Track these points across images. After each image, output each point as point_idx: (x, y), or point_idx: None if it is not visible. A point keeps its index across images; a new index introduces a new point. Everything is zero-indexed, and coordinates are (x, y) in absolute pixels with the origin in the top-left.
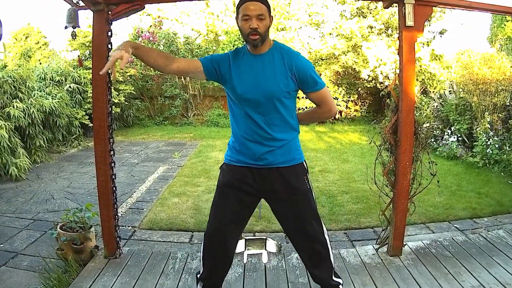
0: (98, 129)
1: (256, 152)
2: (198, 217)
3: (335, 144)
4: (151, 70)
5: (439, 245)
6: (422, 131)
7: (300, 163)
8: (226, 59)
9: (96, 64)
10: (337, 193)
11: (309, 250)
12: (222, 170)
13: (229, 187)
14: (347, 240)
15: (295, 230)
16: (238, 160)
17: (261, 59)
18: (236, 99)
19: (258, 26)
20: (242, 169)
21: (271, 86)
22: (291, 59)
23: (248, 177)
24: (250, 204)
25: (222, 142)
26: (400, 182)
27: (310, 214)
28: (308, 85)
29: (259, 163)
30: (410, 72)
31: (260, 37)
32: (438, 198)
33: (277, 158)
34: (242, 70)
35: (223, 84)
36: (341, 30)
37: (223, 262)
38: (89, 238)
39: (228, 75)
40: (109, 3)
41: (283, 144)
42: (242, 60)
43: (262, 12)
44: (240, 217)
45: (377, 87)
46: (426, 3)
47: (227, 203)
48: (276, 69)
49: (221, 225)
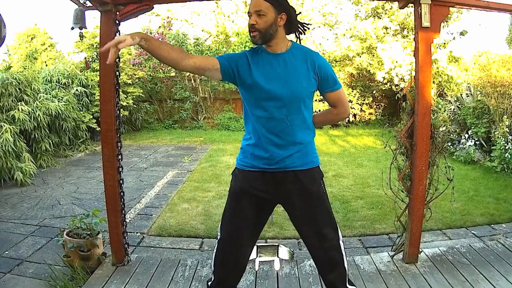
0: (106, 132)
1: (276, 155)
2: (208, 223)
3: (349, 148)
4: (160, 72)
5: (456, 252)
6: (438, 135)
7: (317, 166)
8: (244, 58)
9: (103, 67)
10: (351, 198)
11: (324, 256)
12: (235, 176)
13: (242, 194)
14: (362, 246)
15: (312, 235)
16: (252, 164)
17: (282, 58)
18: (258, 99)
19: (256, 22)
20: (256, 173)
21: (296, 86)
22: (314, 58)
23: (262, 182)
24: (265, 210)
25: (233, 146)
26: (416, 187)
27: (327, 218)
28: (328, 84)
29: (275, 166)
30: (426, 74)
31: (258, 33)
32: (455, 203)
33: (294, 161)
34: (263, 69)
35: (240, 84)
36: (355, 31)
37: (236, 271)
38: (97, 244)
39: (247, 74)
40: (117, 3)
41: (303, 147)
42: (261, 58)
43: (261, 8)
44: (254, 224)
45: (393, 89)
46: (443, 3)
47: (241, 210)
48: (298, 68)
49: (235, 233)
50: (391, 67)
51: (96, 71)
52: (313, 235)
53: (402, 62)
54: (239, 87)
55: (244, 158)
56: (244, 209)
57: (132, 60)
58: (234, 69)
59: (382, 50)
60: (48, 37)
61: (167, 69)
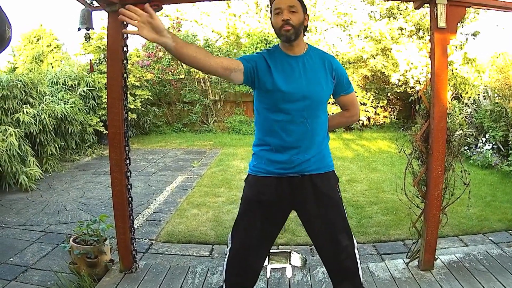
0: (113, 136)
1: (295, 159)
2: (218, 229)
3: (363, 152)
4: (169, 74)
5: (473, 259)
6: (454, 139)
7: (332, 170)
8: (262, 59)
9: (111, 69)
10: (365, 204)
11: (338, 263)
12: (248, 183)
13: (256, 201)
14: (376, 253)
15: (326, 242)
16: (267, 170)
17: (301, 60)
18: (277, 103)
19: (290, 18)
20: (271, 179)
21: (317, 88)
22: (331, 61)
23: (277, 188)
24: (279, 218)
25: (244, 150)
26: (432, 192)
27: (342, 225)
28: (343, 87)
29: (292, 171)
30: (442, 76)
31: (293, 29)
32: (472, 209)
33: (310, 165)
34: (283, 71)
35: (259, 87)
36: (369, 32)
37: (248, 280)
38: (104, 251)
39: (267, 77)
40: (125, 3)
41: (320, 151)
42: (280, 60)
43: (294, 4)
44: (268, 232)
45: (408, 92)
46: (459, 3)
47: (254, 219)
48: (317, 71)
49: (248, 242)
50: (406, 69)
51: (104, 73)
52: (328, 242)
53: (418, 63)
54: (257, 90)
55: (258, 164)
56: (258, 218)
57: (141, 62)
58: (254, 71)
59: (397, 51)
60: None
61: (176, 71)
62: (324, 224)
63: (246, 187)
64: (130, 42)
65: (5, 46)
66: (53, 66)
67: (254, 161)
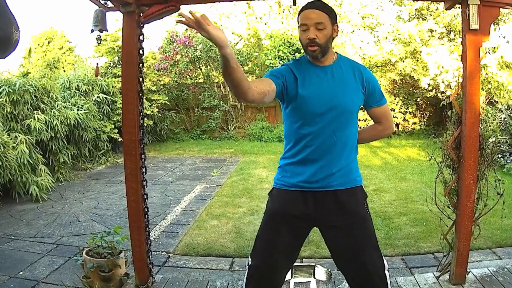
0: (129, 143)
1: (319, 174)
2: (239, 241)
3: (391, 160)
4: (187, 79)
5: (507, 273)
6: (487, 146)
7: (360, 185)
8: (289, 72)
9: (126, 72)
10: (394, 214)
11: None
12: (272, 196)
13: (280, 217)
14: (405, 267)
15: (351, 262)
16: (292, 184)
17: (330, 71)
18: (305, 116)
19: (317, 36)
20: (295, 193)
21: (346, 100)
22: (362, 72)
23: (302, 203)
24: (302, 233)
25: (266, 158)
26: (464, 202)
27: (369, 244)
28: (375, 99)
29: (317, 185)
30: (475, 81)
31: (319, 48)
32: (506, 220)
33: (334, 180)
34: (311, 83)
35: (288, 101)
36: (398, 34)
37: None
38: (118, 264)
39: (295, 91)
40: (141, 4)
41: (347, 165)
42: (307, 71)
43: (322, 21)
44: (291, 248)
45: (438, 97)
46: (493, 4)
47: (278, 234)
48: (347, 82)
49: (270, 257)
50: (436, 72)
51: (118, 76)
52: (353, 263)
53: (449, 67)
54: (285, 104)
55: (283, 177)
56: (281, 233)
57: (157, 65)
58: (284, 86)
59: (427, 54)
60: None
61: (194, 74)
62: (350, 243)
63: (270, 201)
64: (146, 43)
65: (12, 49)
66: (65, 70)
67: (279, 174)
